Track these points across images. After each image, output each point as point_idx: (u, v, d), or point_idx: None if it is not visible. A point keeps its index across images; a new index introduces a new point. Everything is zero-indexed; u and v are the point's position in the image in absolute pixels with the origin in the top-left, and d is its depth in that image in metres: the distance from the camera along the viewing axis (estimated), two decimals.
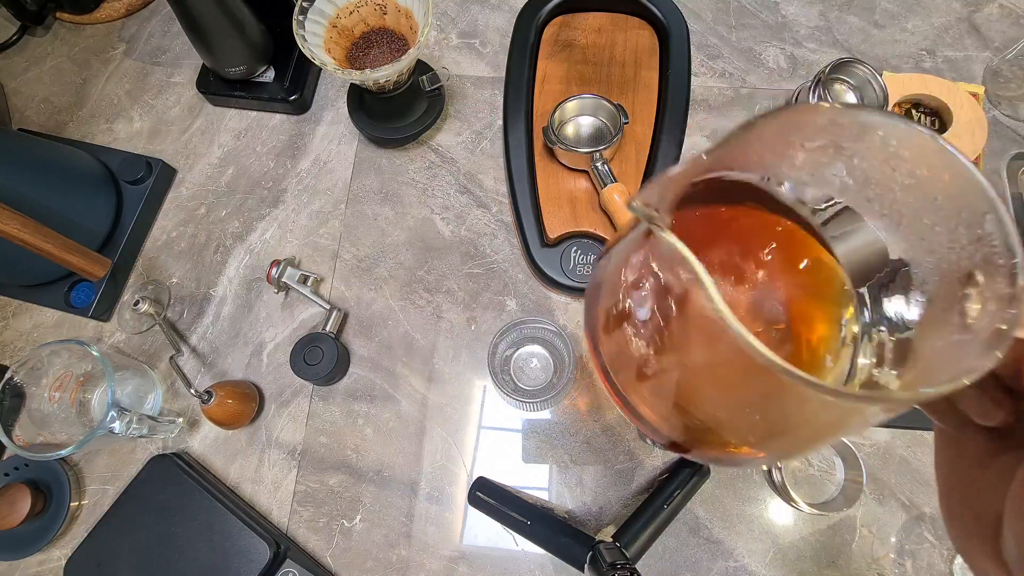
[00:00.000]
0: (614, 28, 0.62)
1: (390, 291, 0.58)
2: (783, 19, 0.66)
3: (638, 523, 0.47)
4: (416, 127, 0.60)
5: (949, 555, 0.49)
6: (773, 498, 0.51)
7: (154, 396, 0.54)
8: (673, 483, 0.48)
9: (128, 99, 0.67)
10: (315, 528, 0.52)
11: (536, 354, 0.55)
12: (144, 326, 0.57)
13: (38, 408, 0.49)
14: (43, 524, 0.51)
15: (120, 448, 0.54)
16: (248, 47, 0.60)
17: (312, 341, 0.52)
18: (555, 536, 0.47)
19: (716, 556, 0.49)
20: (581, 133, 0.57)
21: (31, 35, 0.70)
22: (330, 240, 0.60)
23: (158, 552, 0.48)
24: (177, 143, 0.65)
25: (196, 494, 0.49)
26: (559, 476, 0.52)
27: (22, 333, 0.58)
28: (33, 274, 0.57)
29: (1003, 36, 0.64)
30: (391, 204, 0.61)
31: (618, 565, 0.41)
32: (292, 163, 0.63)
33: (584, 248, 0.55)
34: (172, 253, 0.60)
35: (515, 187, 0.56)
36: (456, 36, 0.67)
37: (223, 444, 0.54)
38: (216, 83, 0.64)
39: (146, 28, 0.70)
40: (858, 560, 0.49)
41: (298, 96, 0.63)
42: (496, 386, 0.50)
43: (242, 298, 0.58)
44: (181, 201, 0.62)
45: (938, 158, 0.17)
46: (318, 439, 0.54)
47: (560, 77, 0.61)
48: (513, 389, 0.53)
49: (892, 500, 0.50)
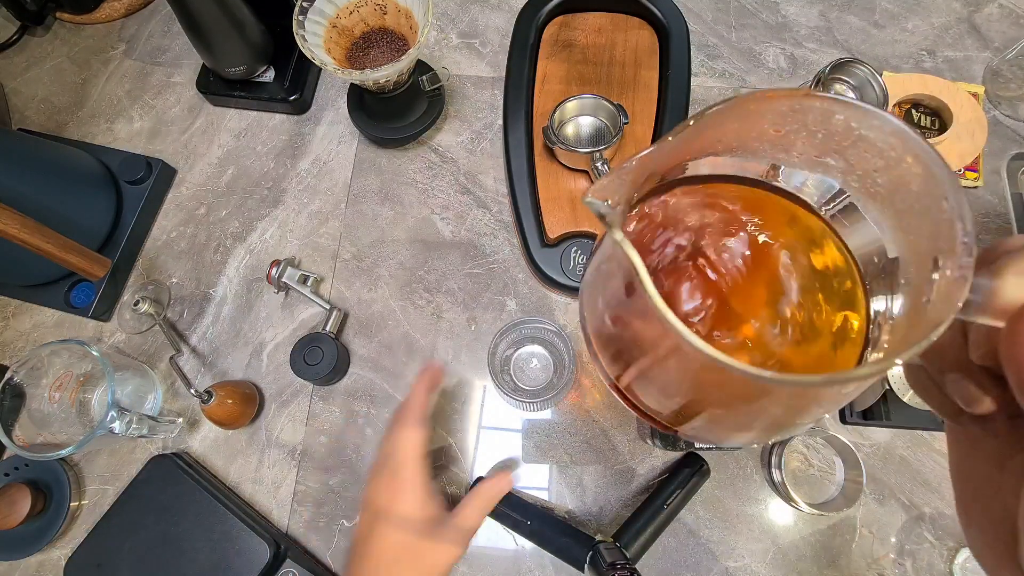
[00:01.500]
0: (614, 28, 0.62)
1: (390, 291, 0.58)
2: (783, 19, 0.66)
3: (638, 523, 0.47)
4: (416, 127, 0.60)
5: (949, 555, 0.49)
6: (773, 498, 0.51)
7: (154, 396, 0.54)
8: (673, 483, 0.48)
9: (128, 99, 0.67)
10: (315, 528, 0.52)
11: (536, 354, 0.55)
12: (144, 326, 0.57)
13: (38, 408, 0.49)
14: (43, 524, 0.51)
15: (120, 448, 0.54)
16: (248, 47, 0.60)
17: (312, 341, 0.52)
18: (555, 536, 0.47)
19: (716, 556, 0.49)
20: (581, 133, 0.57)
21: (31, 35, 0.70)
22: (330, 240, 0.60)
23: (158, 552, 0.48)
24: (177, 143, 0.65)
25: (196, 494, 0.49)
26: (559, 476, 0.52)
27: (22, 333, 0.58)
28: (33, 274, 0.57)
29: (1003, 36, 0.64)
30: (391, 204, 0.61)
31: (618, 565, 0.41)
32: (292, 163, 0.63)
33: (584, 248, 0.55)
34: (172, 253, 0.60)
35: (515, 187, 0.56)
36: (456, 36, 0.67)
37: (223, 444, 0.54)
38: (216, 83, 0.64)
39: (146, 28, 0.70)
40: (858, 560, 0.49)
41: (298, 96, 0.63)
42: (496, 386, 0.50)
43: (242, 298, 0.58)
44: (181, 201, 0.62)
45: (899, 140, 0.17)
46: (318, 439, 0.54)
47: (560, 77, 0.61)
48: (513, 389, 0.53)
49: (892, 500, 0.50)
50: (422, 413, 0.43)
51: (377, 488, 0.41)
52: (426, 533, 0.39)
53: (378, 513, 0.40)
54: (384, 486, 0.41)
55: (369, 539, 0.40)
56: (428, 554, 0.39)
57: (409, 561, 0.38)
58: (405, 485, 0.40)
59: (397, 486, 0.40)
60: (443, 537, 0.40)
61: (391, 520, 0.39)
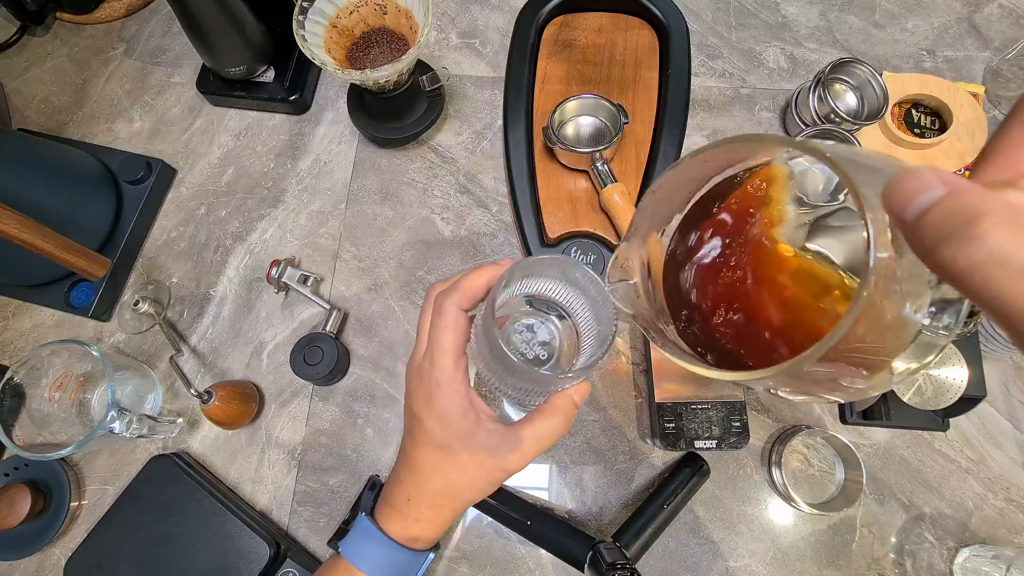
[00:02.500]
0: (614, 28, 0.62)
1: (390, 291, 0.58)
2: (783, 19, 0.66)
3: (638, 523, 0.47)
4: (416, 127, 0.60)
5: (949, 555, 0.49)
6: (773, 498, 0.51)
7: (154, 396, 0.54)
8: (673, 483, 0.48)
9: (128, 99, 0.67)
10: (315, 528, 0.52)
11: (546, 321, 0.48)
12: (144, 326, 0.57)
13: (38, 408, 0.49)
14: (43, 524, 0.51)
15: (120, 448, 0.54)
16: (248, 47, 0.60)
17: (312, 341, 0.52)
18: (555, 536, 0.47)
19: (716, 556, 0.49)
20: (581, 133, 0.57)
21: (31, 35, 0.70)
22: (330, 240, 0.60)
23: (158, 552, 0.48)
24: (177, 143, 0.65)
25: (196, 494, 0.49)
26: (559, 476, 0.52)
27: (22, 333, 0.58)
28: (33, 274, 0.57)
29: (1003, 36, 0.64)
30: (391, 204, 0.61)
31: (618, 565, 0.41)
32: (292, 163, 0.63)
33: (584, 248, 0.55)
34: (172, 253, 0.60)
35: (515, 187, 0.56)
36: (456, 36, 0.67)
37: (223, 444, 0.54)
38: (216, 83, 0.64)
39: (146, 28, 0.70)
40: (858, 560, 0.49)
41: (298, 96, 0.63)
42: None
43: (242, 298, 0.58)
44: (181, 201, 0.62)
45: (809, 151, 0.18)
46: (318, 439, 0.54)
47: (560, 77, 0.61)
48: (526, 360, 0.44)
49: (892, 500, 0.50)
50: (474, 296, 0.34)
51: (416, 380, 0.35)
52: (467, 447, 0.34)
53: (414, 416, 0.35)
54: (422, 381, 0.34)
55: (408, 442, 0.36)
56: (469, 471, 0.34)
57: (443, 473, 0.34)
58: (442, 386, 0.33)
59: (433, 384, 0.34)
60: (487, 450, 0.34)
61: (424, 426, 0.34)
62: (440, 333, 0.34)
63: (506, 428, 0.34)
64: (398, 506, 0.37)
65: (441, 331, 0.34)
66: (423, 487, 0.36)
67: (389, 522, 0.37)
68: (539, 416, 0.34)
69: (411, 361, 0.37)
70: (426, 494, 0.36)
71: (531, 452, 0.34)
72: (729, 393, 0.49)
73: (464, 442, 0.34)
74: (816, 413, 0.53)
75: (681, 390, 0.50)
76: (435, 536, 0.38)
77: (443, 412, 0.34)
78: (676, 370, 0.50)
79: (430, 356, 0.34)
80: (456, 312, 0.34)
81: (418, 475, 0.35)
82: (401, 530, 0.36)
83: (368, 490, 0.38)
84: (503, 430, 0.34)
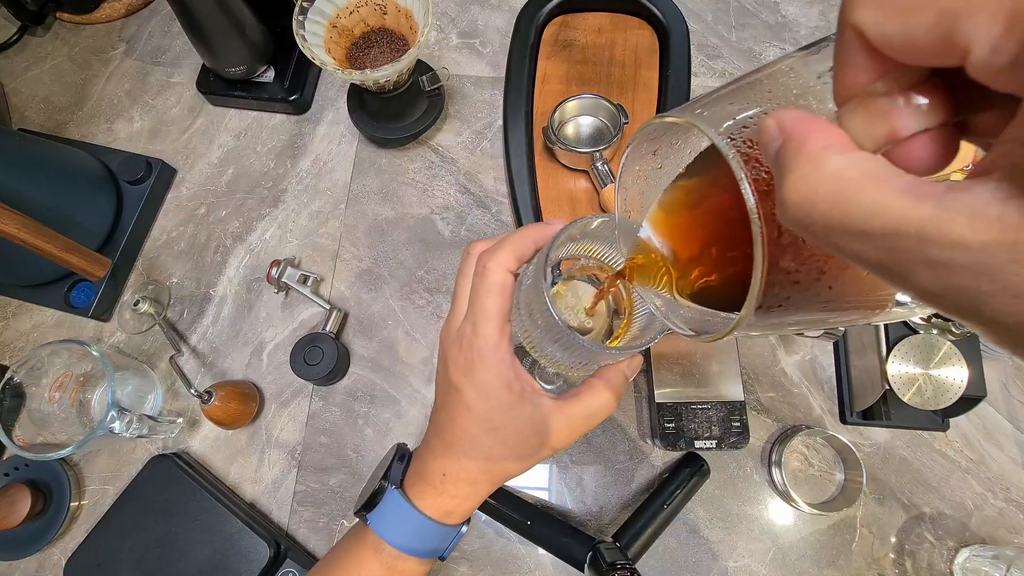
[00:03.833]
0: (614, 28, 0.62)
1: (390, 291, 0.58)
2: (783, 19, 0.66)
3: (638, 523, 0.47)
4: (416, 127, 0.60)
5: (949, 555, 0.49)
6: (773, 498, 0.51)
7: (154, 396, 0.54)
8: (673, 483, 0.48)
9: (128, 99, 0.67)
10: (315, 528, 0.52)
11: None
12: (144, 326, 0.57)
13: (38, 408, 0.49)
14: (43, 524, 0.51)
15: (120, 448, 0.54)
16: (248, 47, 0.60)
17: (312, 341, 0.52)
18: (555, 536, 0.47)
19: (716, 556, 0.49)
20: (581, 133, 0.57)
21: (31, 35, 0.70)
22: (330, 240, 0.60)
23: (158, 552, 0.48)
24: (177, 143, 0.65)
25: (196, 494, 0.49)
26: (559, 476, 0.52)
27: (22, 333, 0.58)
28: (33, 274, 0.57)
29: None
30: (391, 204, 0.61)
31: (618, 565, 0.41)
32: (292, 163, 0.63)
33: None
34: (172, 253, 0.60)
35: (515, 187, 0.56)
36: (456, 36, 0.67)
37: (223, 444, 0.54)
38: (216, 83, 0.64)
39: (146, 28, 0.70)
40: (858, 560, 0.49)
41: (298, 96, 0.63)
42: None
43: (242, 298, 0.58)
44: (181, 201, 0.62)
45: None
46: (318, 439, 0.54)
47: (560, 77, 0.61)
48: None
49: (892, 500, 0.50)
50: (521, 257, 0.31)
51: (455, 348, 0.32)
52: (511, 423, 0.31)
53: (452, 386, 0.32)
54: (462, 348, 0.31)
55: (443, 415, 0.33)
56: (512, 447, 0.32)
57: (484, 448, 0.32)
58: (486, 356, 0.31)
59: (476, 353, 0.31)
60: (532, 426, 0.32)
61: (465, 398, 0.31)
62: (484, 296, 0.31)
63: (553, 403, 0.32)
64: (432, 481, 0.34)
65: (485, 294, 0.31)
66: (462, 463, 0.33)
67: (422, 497, 0.34)
68: (587, 391, 0.32)
69: (447, 326, 0.33)
70: (464, 470, 0.33)
71: (579, 430, 0.32)
72: (729, 393, 0.49)
73: (508, 416, 0.31)
74: (816, 413, 0.53)
75: (681, 390, 0.50)
76: (470, 510, 0.35)
77: (485, 384, 0.31)
78: (676, 370, 0.50)
79: (472, 321, 0.31)
80: (503, 274, 0.31)
81: (455, 450, 0.33)
82: (435, 505, 0.34)
83: (397, 460, 0.36)
84: (550, 405, 0.32)
